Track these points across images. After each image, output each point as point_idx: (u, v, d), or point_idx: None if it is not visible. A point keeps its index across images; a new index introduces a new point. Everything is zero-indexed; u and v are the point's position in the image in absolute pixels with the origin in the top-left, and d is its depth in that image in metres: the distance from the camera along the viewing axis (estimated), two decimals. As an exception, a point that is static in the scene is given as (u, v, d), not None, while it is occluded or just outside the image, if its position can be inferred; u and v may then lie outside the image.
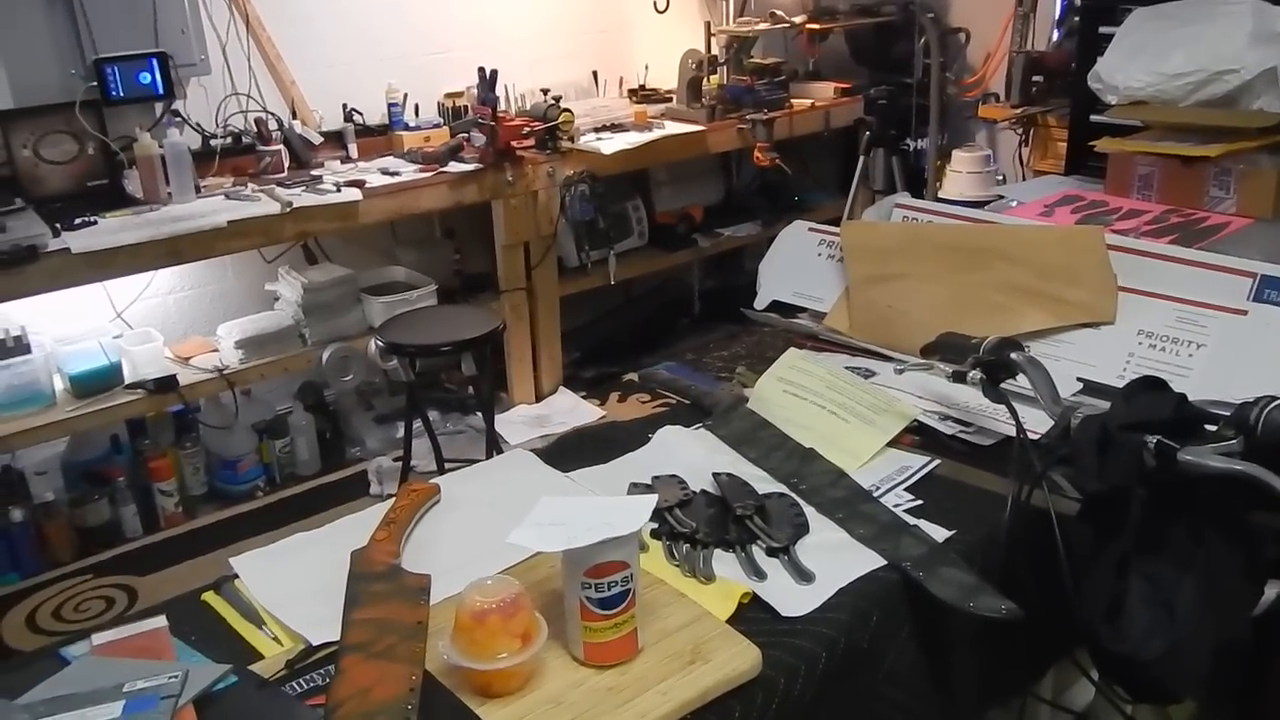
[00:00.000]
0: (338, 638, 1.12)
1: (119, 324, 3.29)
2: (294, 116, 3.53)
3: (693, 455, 1.51)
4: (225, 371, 3.23)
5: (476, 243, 3.94)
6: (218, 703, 1.03)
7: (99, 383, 3.03)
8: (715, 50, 4.12)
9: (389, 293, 3.55)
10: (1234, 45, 2.03)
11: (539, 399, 3.94)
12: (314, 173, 3.40)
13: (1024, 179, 4.11)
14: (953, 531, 1.30)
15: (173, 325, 3.44)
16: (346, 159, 3.56)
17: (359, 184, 3.26)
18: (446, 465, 3.24)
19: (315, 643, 1.12)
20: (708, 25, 4.08)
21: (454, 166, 3.47)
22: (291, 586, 1.25)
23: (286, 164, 3.40)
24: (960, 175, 4.35)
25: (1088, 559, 1.13)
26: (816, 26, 4.26)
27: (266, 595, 1.24)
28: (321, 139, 3.53)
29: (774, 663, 1.11)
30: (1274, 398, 0.99)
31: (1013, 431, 1.49)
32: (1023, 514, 1.20)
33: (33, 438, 2.92)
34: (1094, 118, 2.46)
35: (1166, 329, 1.58)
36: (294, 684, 1.07)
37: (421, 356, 2.88)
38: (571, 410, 3.90)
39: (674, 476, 1.43)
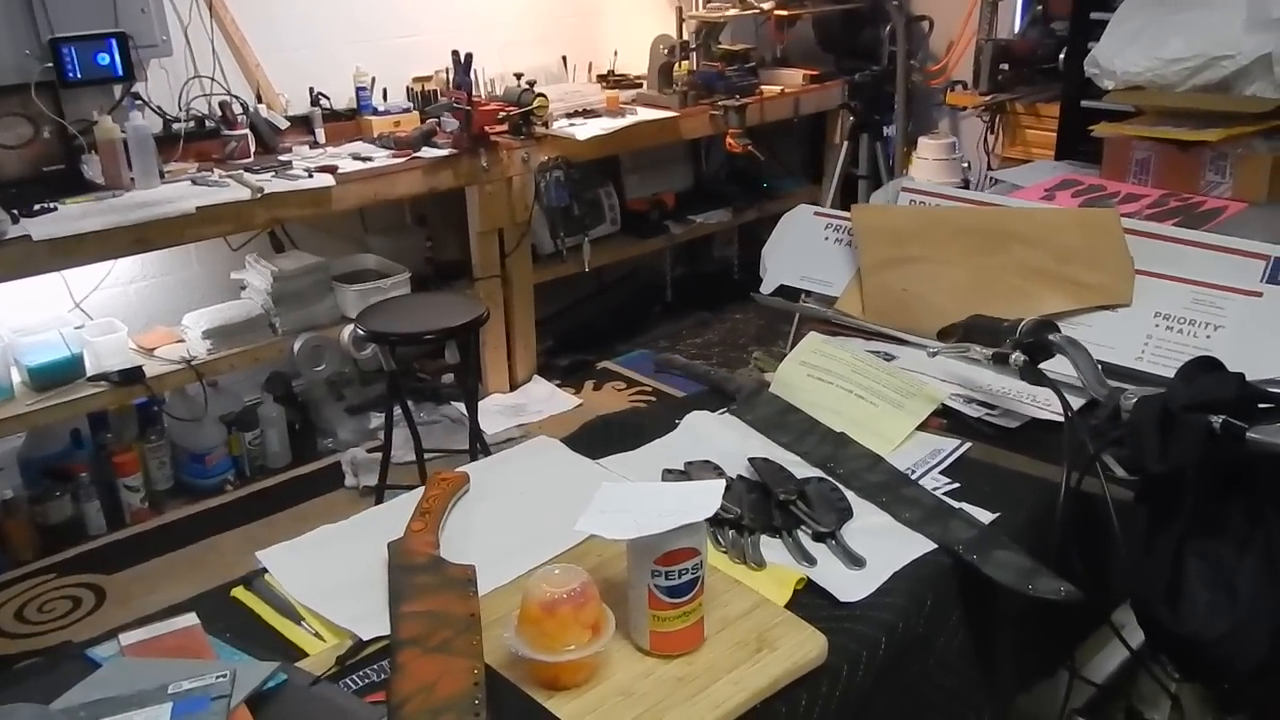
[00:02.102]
0: (387, 632, 1.08)
1: (78, 314, 3.17)
2: (259, 100, 3.43)
3: (723, 440, 1.49)
4: (194, 362, 3.13)
5: (448, 230, 3.87)
6: (270, 702, 0.98)
7: (60, 375, 2.92)
8: (686, 36, 4.09)
9: (361, 281, 3.48)
10: (1230, 31, 2.06)
11: (514, 388, 3.89)
12: (282, 158, 3.31)
13: (990, 166, 4.15)
14: (997, 514, 1.30)
15: (135, 315, 3.33)
16: (314, 144, 3.47)
17: (331, 169, 3.18)
18: (426, 456, 3.18)
19: (365, 638, 1.08)
20: (679, 10, 4.06)
21: (427, 152, 3.41)
22: (326, 580, 1.20)
23: (253, 149, 3.30)
24: (927, 162, 4.39)
25: (1144, 541, 1.13)
26: (785, 13, 4.25)
27: (301, 590, 1.19)
28: (288, 123, 3.44)
29: (836, 649, 1.09)
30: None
31: (1039, 414, 1.51)
32: (1073, 496, 1.20)
33: (-9, 432, 2.81)
34: (1085, 103, 2.47)
35: (1183, 311, 1.59)
36: (348, 680, 1.03)
37: (405, 345, 2.82)
38: (548, 399, 3.86)
39: (708, 462, 1.41)
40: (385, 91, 3.67)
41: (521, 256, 3.76)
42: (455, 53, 3.37)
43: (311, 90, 3.51)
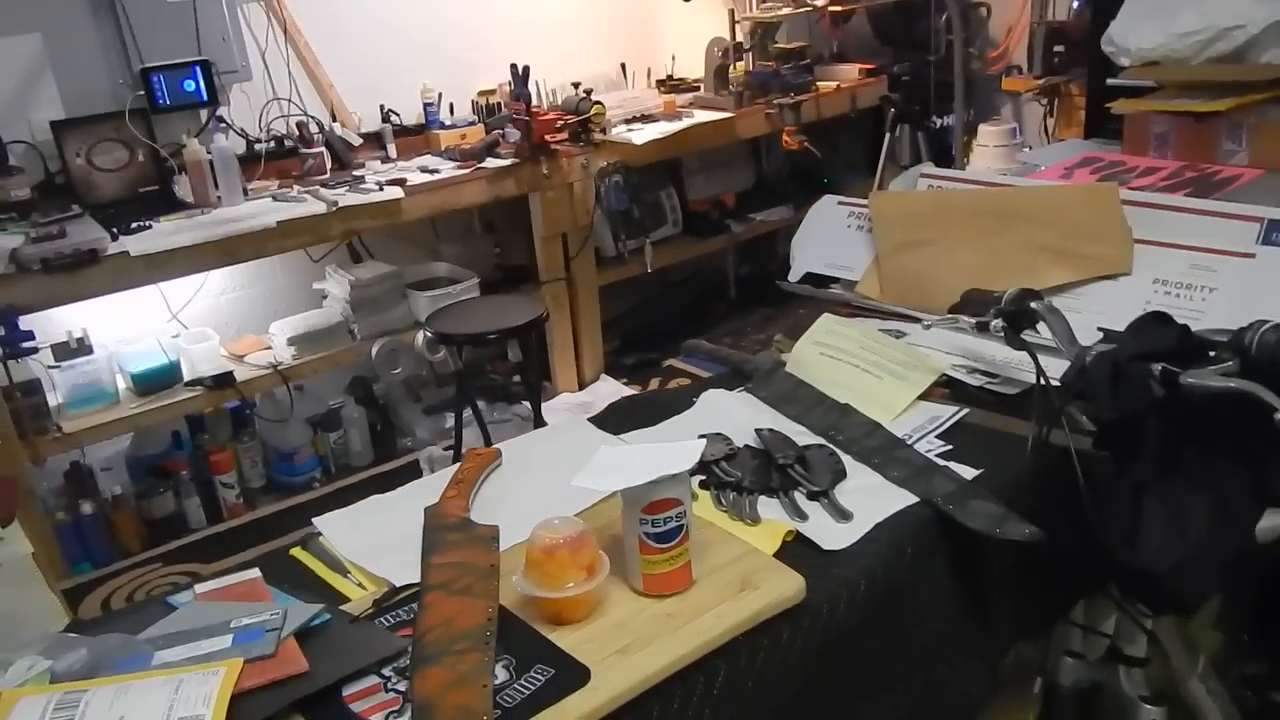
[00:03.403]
0: (419, 580, 1.23)
1: (175, 325, 3.43)
2: (333, 119, 3.66)
3: (736, 415, 1.61)
4: (280, 367, 3.36)
5: (515, 235, 4.05)
6: (316, 636, 1.14)
7: (159, 380, 3.17)
8: (740, 37, 4.20)
9: (433, 287, 3.67)
10: (1240, 2, 2.09)
11: (581, 387, 4.04)
12: (355, 173, 3.52)
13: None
14: (980, 470, 1.39)
15: (226, 324, 3.58)
16: (386, 159, 3.68)
17: (400, 182, 3.38)
18: (494, 450, 3.35)
19: (399, 584, 1.24)
20: (732, 12, 4.17)
21: (491, 162, 3.59)
22: (371, 540, 1.36)
23: (329, 165, 3.52)
24: (987, 149, 4.40)
25: (1106, 486, 1.22)
26: (839, 8, 4.34)
27: (349, 548, 1.35)
28: (361, 140, 3.66)
29: (818, 590, 1.20)
30: (1266, 321, 1.07)
31: (1033, 380, 1.59)
32: (1045, 450, 1.29)
33: (100, 434, 3.06)
34: (1110, 81, 2.52)
35: (1180, 276, 1.65)
36: (382, 619, 1.18)
37: (469, 345, 2.99)
38: (614, 397, 3.97)
39: (719, 434, 1.53)
40: (451, 106, 3.86)
41: (585, 259, 3.91)
42: (513, 66, 3.54)
43: (382, 107, 3.72)
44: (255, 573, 1.30)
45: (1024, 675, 1.51)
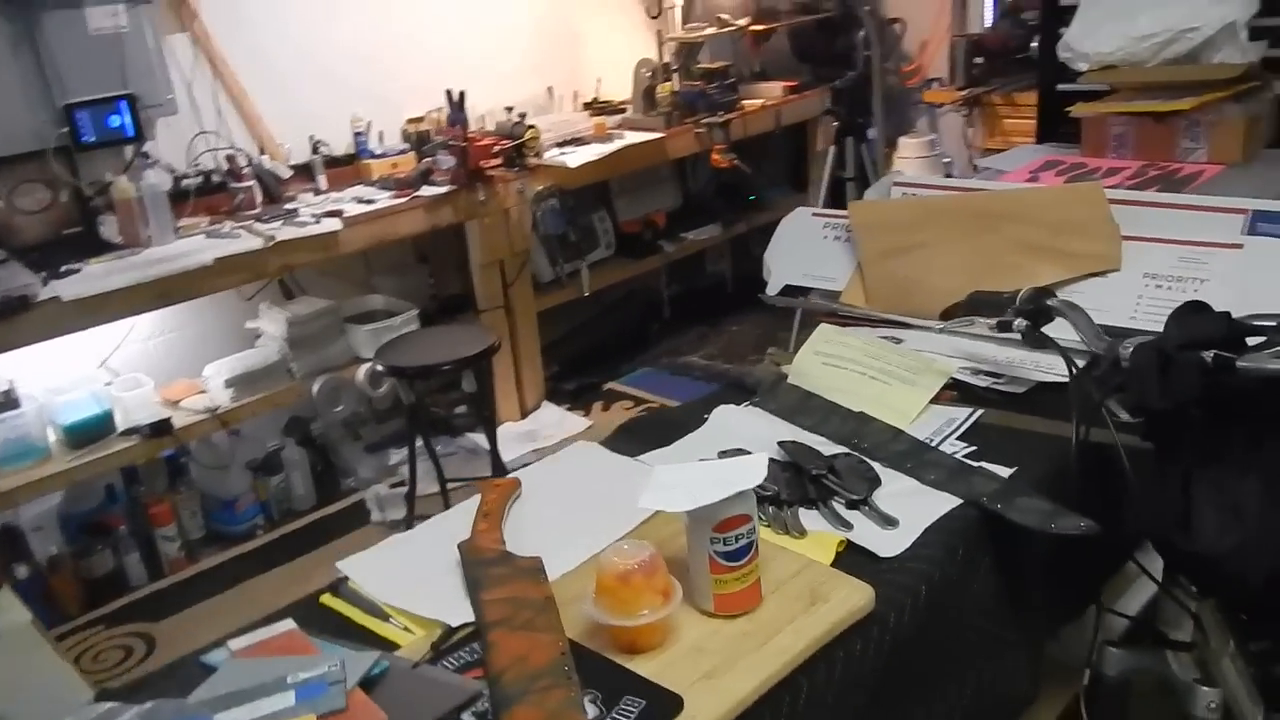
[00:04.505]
0: (472, 619, 1.18)
1: (104, 373, 3.27)
2: (261, 152, 3.55)
3: (751, 429, 1.59)
4: (219, 411, 3.22)
5: (449, 265, 3.99)
6: (379, 686, 1.08)
7: (93, 431, 3.00)
8: (667, 58, 4.22)
9: (370, 321, 3.58)
10: (1194, 3, 2.19)
11: (524, 415, 3.98)
12: (287, 206, 3.41)
13: (971, 159, 4.29)
14: (1014, 469, 1.40)
15: (157, 369, 3.41)
16: (318, 191, 3.57)
17: (337, 214, 3.29)
18: (448, 485, 3.28)
19: (454, 624, 1.18)
20: (659, 33, 4.19)
21: (426, 190, 3.52)
22: (404, 580, 1.30)
23: (259, 200, 3.41)
24: (909, 161, 4.53)
25: (1154, 474, 1.24)
26: (760, 27, 4.40)
27: (383, 590, 1.29)
28: (291, 172, 3.55)
29: (882, 599, 1.19)
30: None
31: (1042, 378, 1.62)
32: (1085, 441, 1.31)
33: (33, 491, 2.88)
34: (1060, 87, 2.61)
35: (1170, 270, 1.71)
36: (444, 662, 1.13)
37: (424, 377, 2.92)
38: (558, 423, 3.95)
39: (740, 450, 1.51)
40: (381, 135, 3.78)
41: (523, 286, 3.87)
42: (448, 92, 3.49)
43: (311, 138, 3.62)
44: (290, 624, 1.23)
45: (1059, 671, 1.53)
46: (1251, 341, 1.18)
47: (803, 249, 2.11)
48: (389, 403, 3.78)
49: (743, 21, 4.35)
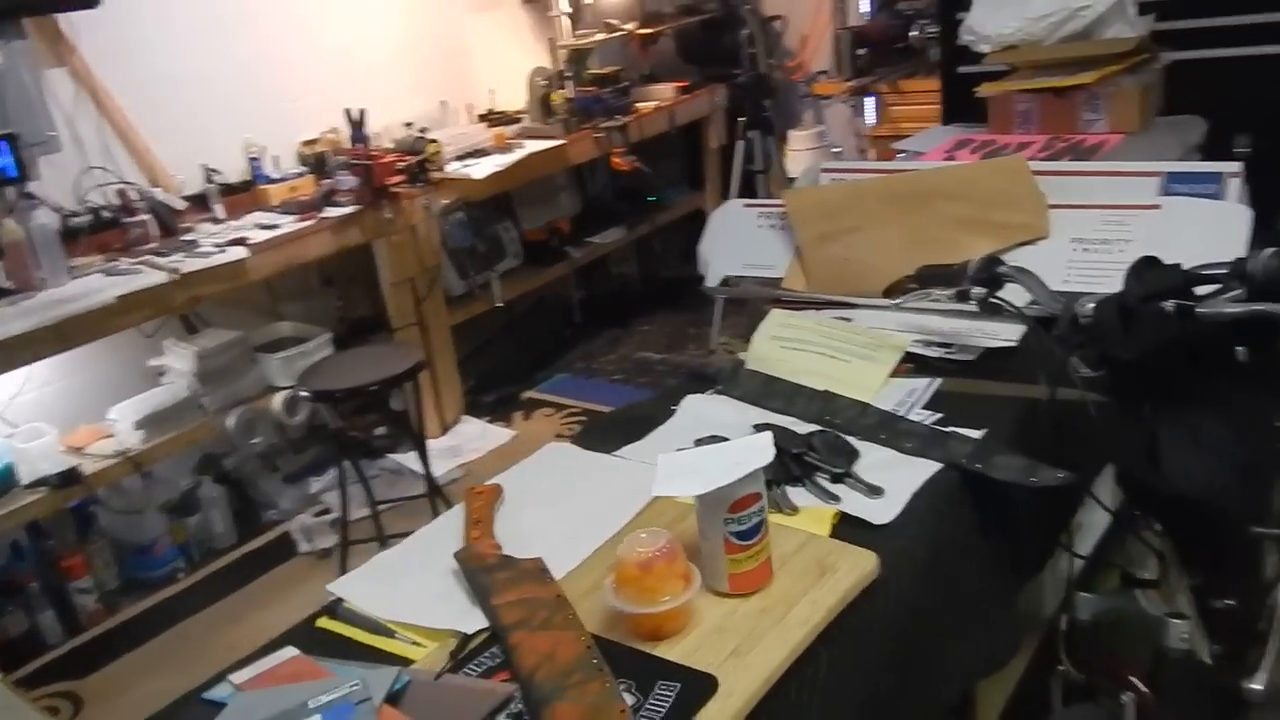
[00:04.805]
0: (486, 625, 1.17)
1: (2, 424, 3.10)
2: (153, 184, 3.42)
3: (722, 416, 1.61)
4: (130, 454, 3.09)
5: (356, 286, 3.92)
6: (404, 701, 1.06)
7: (-4, 487, 2.86)
8: (560, 65, 4.23)
9: (281, 349, 3.49)
10: (1085, -18, 2.32)
11: (445, 431, 3.94)
12: (186, 238, 3.30)
13: (861, 148, 4.42)
14: (984, 430, 1.46)
15: (58, 417, 3.25)
16: (216, 220, 3.46)
17: (241, 241, 3.19)
18: (379, 507, 3.22)
19: (470, 631, 1.16)
20: (551, 40, 4.20)
21: (331, 211, 3.45)
22: (404, 595, 1.28)
23: (155, 233, 3.28)
24: (799, 153, 4.64)
25: (1121, 421, 1.31)
26: (648, 31, 4.45)
27: (384, 607, 1.26)
28: (185, 203, 3.43)
29: (884, 564, 1.22)
30: (1265, 247, 1.18)
31: (991, 344, 1.69)
32: (1054, 395, 1.37)
33: (-63, 556, 2.73)
34: (961, 69, 2.71)
35: (1095, 233, 1.80)
36: (466, 670, 1.11)
37: (352, 399, 2.86)
38: (481, 436, 3.92)
39: (715, 437, 1.52)
40: (277, 159, 3.69)
41: (435, 302, 3.82)
42: (348, 111, 3.43)
43: (204, 167, 3.51)
44: (293, 650, 1.19)
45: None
46: (1200, 290, 1.25)
47: (738, 240, 2.14)
48: (304, 431, 3.69)
49: (630, 26, 4.39)
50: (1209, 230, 1.69)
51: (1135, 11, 2.31)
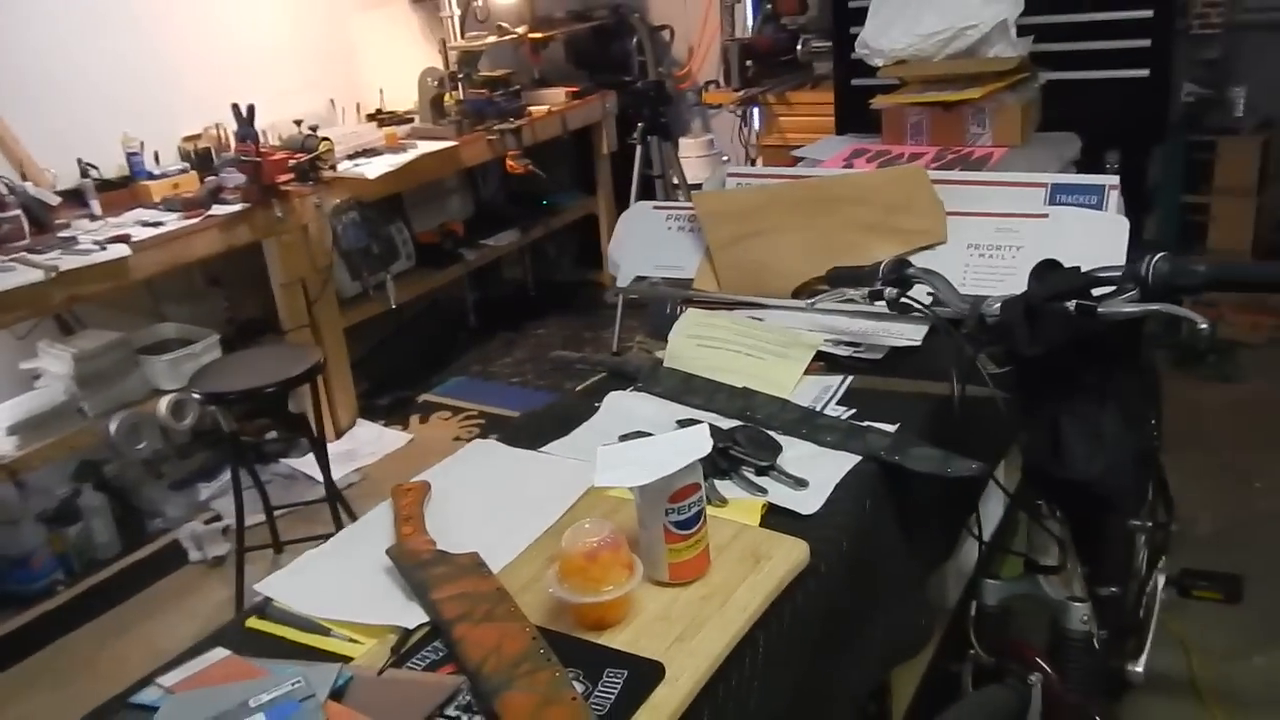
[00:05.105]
0: (426, 619, 1.17)
1: None
2: (24, 178, 3.26)
3: (644, 413, 1.64)
4: (4, 461, 2.95)
5: (243, 287, 3.82)
6: (348, 697, 1.05)
7: None
8: (451, 66, 4.21)
9: (165, 350, 3.38)
10: (971, 4, 2.43)
11: (339, 435, 3.87)
12: (62, 235, 3.16)
13: (749, 156, 4.53)
14: (897, 424, 1.53)
15: (-80, 426, 3.08)
16: (93, 216, 3.33)
17: (124, 239, 3.08)
18: (276, 513, 3.15)
19: (411, 626, 1.16)
20: (443, 42, 4.17)
21: (218, 209, 3.36)
22: (340, 593, 1.26)
23: (28, 230, 3.13)
24: (690, 160, 4.71)
25: (1026, 413, 1.39)
26: (539, 35, 4.46)
27: (317, 605, 1.24)
28: (59, 199, 3.28)
29: (813, 552, 1.27)
30: (1156, 253, 1.28)
31: (897, 344, 1.77)
32: (963, 390, 1.44)
33: None
34: (855, 82, 2.82)
35: (989, 240, 1.89)
36: (409, 665, 1.11)
37: (247, 402, 2.78)
38: (377, 440, 3.87)
39: (640, 432, 1.55)
40: (157, 155, 3.57)
41: (327, 303, 3.76)
42: (235, 106, 3.34)
43: (79, 161, 3.36)
44: (224, 651, 1.17)
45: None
46: (1097, 291, 1.34)
47: (649, 241, 2.18)
48: (191, 436, 3.57)
49: (521, 29, 4.39)
50: (1093, 238, 1.80)
51: (1015, 33, 2.45)
